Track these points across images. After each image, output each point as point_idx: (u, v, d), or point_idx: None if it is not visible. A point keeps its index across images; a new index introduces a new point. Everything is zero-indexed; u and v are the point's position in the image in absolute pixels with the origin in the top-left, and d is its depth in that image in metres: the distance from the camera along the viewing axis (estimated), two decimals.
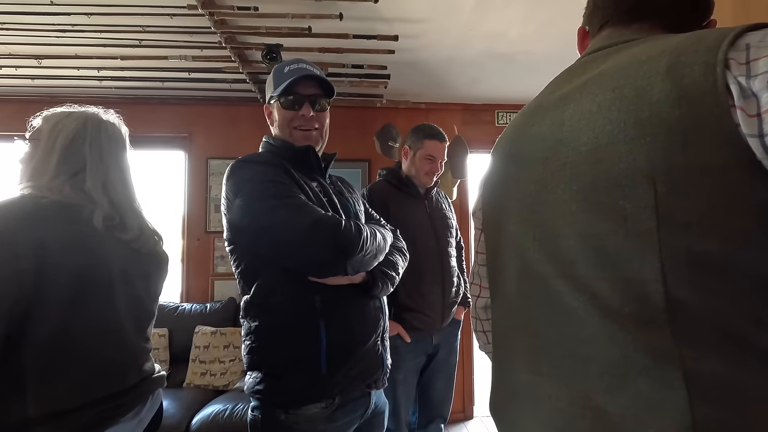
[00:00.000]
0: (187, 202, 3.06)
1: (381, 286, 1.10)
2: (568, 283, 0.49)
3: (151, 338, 1.15)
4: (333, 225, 0.96)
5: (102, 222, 0.97)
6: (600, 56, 0.56)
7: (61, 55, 2.29)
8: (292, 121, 1.13)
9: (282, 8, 1.90)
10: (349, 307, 1.05)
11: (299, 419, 0.98)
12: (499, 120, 3.33)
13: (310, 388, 0.99)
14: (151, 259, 1.12)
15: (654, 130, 0.42)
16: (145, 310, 1.10)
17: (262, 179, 1.01)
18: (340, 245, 0.95)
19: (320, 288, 1.01)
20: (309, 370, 0.99)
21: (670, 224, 0.41)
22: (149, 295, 1.12)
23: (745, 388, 0.38)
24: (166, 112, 3.05)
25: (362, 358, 1.05)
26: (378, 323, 1.11)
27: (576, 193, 0.49)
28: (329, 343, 0.99)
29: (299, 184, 1.05)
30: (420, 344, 1.76)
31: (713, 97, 0.40)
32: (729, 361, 0.39)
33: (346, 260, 0.97)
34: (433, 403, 1.89)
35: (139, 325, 1.08)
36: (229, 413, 2.25)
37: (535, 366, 0.54)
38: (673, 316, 0.41)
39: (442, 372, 1.88)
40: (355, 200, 1.27)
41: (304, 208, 0.96)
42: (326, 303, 1.01)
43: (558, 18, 2.02)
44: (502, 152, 0.65)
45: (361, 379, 1.06)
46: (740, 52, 0.40)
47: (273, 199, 0.96)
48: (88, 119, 1.04)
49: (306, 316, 1.00)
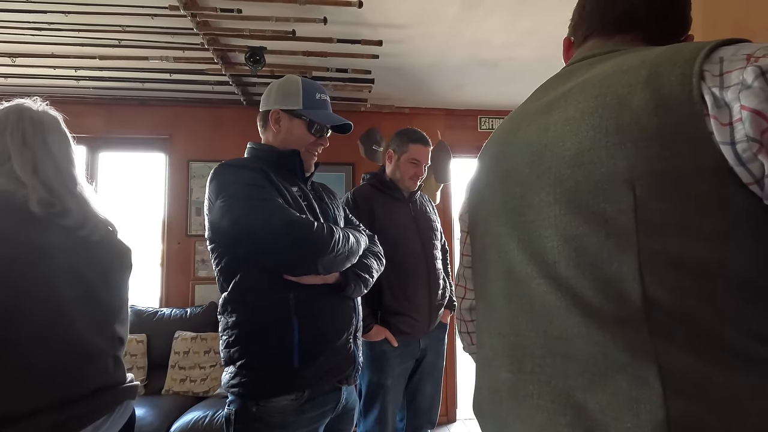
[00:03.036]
0: (168, 205, 3.00)
1: (354, 287, 1.16)
2: (551, 283, 0.51)
3: (122, 339, 1.04)
4: (305, 226, 1.03)
5: (38, 206, 0.90)
6: (584, 65, 0.59)
7: (37, 53, 2.23)
8: (312, 145, 1.24)
9: (266, 11, 1.89)
10: (321, 305, 1.11)
11: (270, 411, 1.04)
12: (482, 125, 3.38)
13: (281, 381, 1.05)
14: (105, 248, 1.02)
15: (634, 136, 0.44)
16: (103, 306, 1.00)
17: (242, 182, 1.07)
18: (312, 246, 1.02)
19: (294, 286, 1.07)
20: (281, 363, 1.05)
21: (647, 227, 0.43)
22: (108, 289, 1.01)
23: (718, 384, 0.40)
24: (146, 113, 2.99)
25: (333, 354, 1.11)
26: (350, 322, 1.18)
27: (559, 196, 0.51)
28: (301, 339, 1.06)
29: (278, 189, 1.11)
30: (408, 348, 1.75)
31: (689, 106, 0.42)
32: (702, 358, 0.41)
33: (317, 260, 1.04)
34: (422, 410, 1.87)
35: (96, 323, 0.97)
36: (209, 420, 2.20)
37: (517, 365, 0.55)
38: (650, 314, 0.43)
39: (430, 377, 1.87)
40: (335, 206, 1.32)
41: (280, 211, 1.03)
42: (300, 301, 1.07)
43: (540, 26, 2.07)
44: (489, 156, 0.67)
45: (333, 374, 1.11)
46: (715, 64, 0.43)
47: (251, 201, 1.03)
48: (9, 109, 1.00)
49: (280, 313, 1.06)
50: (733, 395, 0.39)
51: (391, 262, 1.43)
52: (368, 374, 1.74)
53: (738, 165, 0.40)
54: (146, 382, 2.56)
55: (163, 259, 2.99)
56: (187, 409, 2.36)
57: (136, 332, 2.64)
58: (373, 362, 1.72)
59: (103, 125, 2.97)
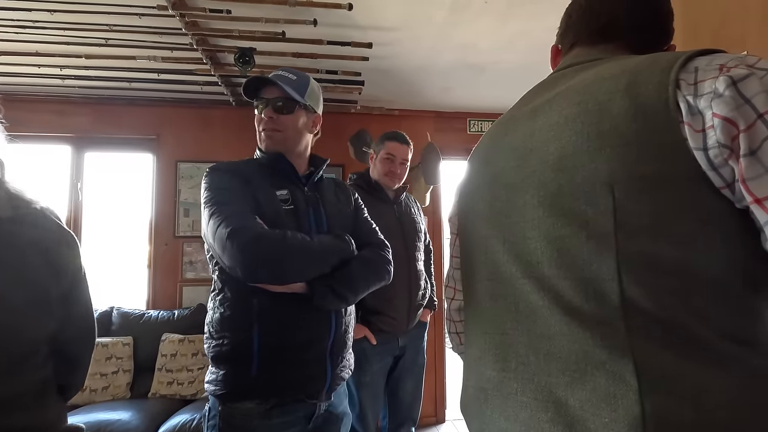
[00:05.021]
0: (155, 206, 2.97)
1: (322, 298, 1.07)
2: (534, 283, 0.52)
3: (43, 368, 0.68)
4: (246, 234, 0.99)
5: None
6: (569, 73, 0.61)
7: (20, 51, 2.20)
8: (258, 124, 1.20)
9: (255, 12, 1.88)
10: (286, 315, 1.07)
11: (234, 412, 1.04)
12: (471, 128, 3.41)
13: (241, 386, 1.04)
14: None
15: (613, 141, 0.46)
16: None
17: (213, 186, 1.10)
18: (253, 254, 0.98)
19: (259, 292, 1.05)
20: (241, 368, 1.04)
21: (626, 228, 0.45)
22: (20, 283, 0.66)
23: (693, 380, 0.42)
24: (133, 113, 2.96)
25: (299, 367, 1.07)
26: (323, 336, 1.11)
27: (543, 199, 0.53)
28: (261, 346, 1.04)
29: (255, 193, 1.10)
30: (386, 346, 1.78)
31: (665, 113, 0.44)
32: (678, 356, 0.42)
33: (259, 269, 0.99)
34: (402, 406, 1.91)
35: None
36: (197, 423, 2.19)
37: (502, 363, 0.56)
38: (627, 313, 0.44)
39: (410, 372, 1.91)
40: (339, 208, 1.26)
41: (231, 218, 1.01)
42: (262, 307, 1.05)
43: (527, 31, 2.10)
44: (477, 160, 0.68)
45: (296, 388, 1.07)
46: (690, 74, 0.45)
47: (212, 206, 1.05)
48: None
49: (243, 317, 1.06)
50: (707, 391, 0.41)
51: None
52: None
53: (710, 170, 0.42)
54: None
55: (150, 260, 2.96)
56: (174, 413, 2.34)
57: (122, 335, 2.61)
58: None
59: (89, 125, 2.93)
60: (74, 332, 0.77)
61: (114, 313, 2.70)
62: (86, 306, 0.79)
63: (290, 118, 1.17)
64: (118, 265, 3.19)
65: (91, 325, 0.81)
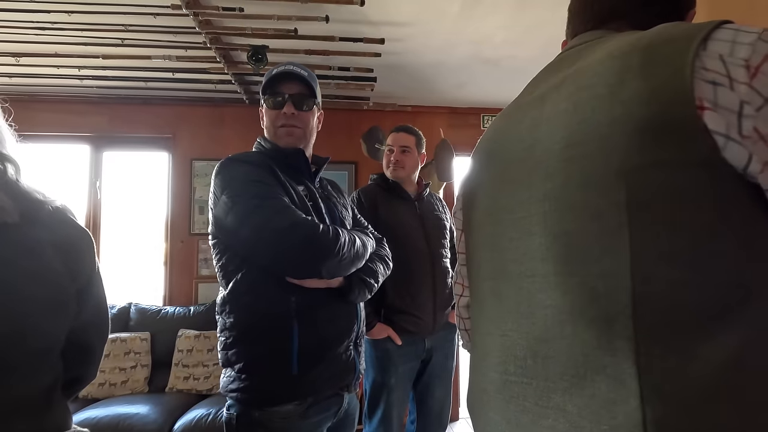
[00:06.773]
0: (171, 203, 3.02)
1: (357, 292, 1.11)
2: (539, 281, 0.50)
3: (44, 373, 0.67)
4: (310, 228, 0.99)
5: None
6: (574, 53, 0.57)
7: (40, 53, 2.25)
8: (276, 120, 1.15)
9: (267, 10, 1.89)
10: (323, 310, 1.06)
11: (273, 416, 1.00)
12: (485, 124, 3.36)
13: (281, 389, 1.01)
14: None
15: (626, 128, 0.43)
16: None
17: (247, 179, 1.03)
18: (316, 248, 0.98)
19: (297, 289, 1.02)
20: (279, 370, 1.00)
21: (640, 220, 0.42)
22: (38, 284, 0.66)
23: (697, 385, 0.39)
24: (149, 112, 3.01)
25: (333, 362, 1.07)
26: (351, 329, 1.12)
27: (549, 192, 0.49)
28: (301, 345, 1.01)
29: (284, 187, 1.07)
30: (412, 348, 1.73)
31: (682, 97, 0.40)
32: (684, 359, 0.39)
33: (320, 263, 1.00)
34: (432, 414, 1.84)
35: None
36: (213, 417, 2.22)
37: (504, 366, 0.54)
38: (636, 311, 0.41)
39: (439, 378, 1.83)
40: (343, 205, 1.28)
41: (285, 210, 0.99)
42: (301, 305, 1.02)
43: (541, 23, 2.06)
44: (482, 153, 0.66)
45: (333, 382, 1.08)
46: (712, 59, 0.40)
47: (255, 199, 0.99)
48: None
49: (280, 317, 1.01)
50: (712, 397, 0.38)
51: (395, 261, 1.42)
52: (372, 373, 1.73)
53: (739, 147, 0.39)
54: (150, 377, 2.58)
55: (167, 257, 3.01)
56: (191, 407, 2.38)
57: (140, 330, 2.66)
58: (377, 361, 1.71)
59: (106, 124, 2.98)
60: (88, 320, 0.77)
61: (132, 309, 2.76)
62: (99, 299, 0.79)
63: (309, 114, 1.17)
64: (136, 262, 3.26)
65: (104, 316, 0.81)
